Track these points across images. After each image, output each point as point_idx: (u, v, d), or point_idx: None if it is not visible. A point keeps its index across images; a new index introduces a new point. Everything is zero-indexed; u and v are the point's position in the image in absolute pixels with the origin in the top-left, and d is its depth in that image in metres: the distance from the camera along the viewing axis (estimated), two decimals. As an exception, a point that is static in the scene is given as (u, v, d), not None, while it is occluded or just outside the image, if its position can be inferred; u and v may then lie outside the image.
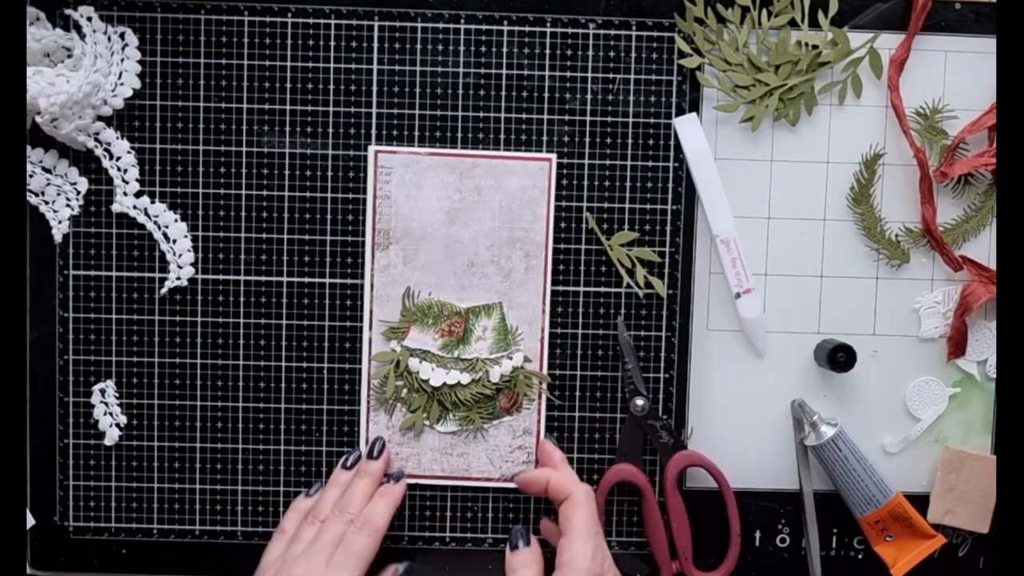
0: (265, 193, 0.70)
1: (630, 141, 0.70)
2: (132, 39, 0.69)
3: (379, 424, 0.70)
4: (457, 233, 0.69)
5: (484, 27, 0.69)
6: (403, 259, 0.69)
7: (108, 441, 0.71)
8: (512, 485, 0.71)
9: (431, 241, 0.69)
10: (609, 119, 0.70)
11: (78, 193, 0.69)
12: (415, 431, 0.70)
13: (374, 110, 0.69)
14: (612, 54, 0.70)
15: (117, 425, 0.70)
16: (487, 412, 0.70)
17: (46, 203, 0.69)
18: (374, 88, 0.69)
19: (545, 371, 0.70)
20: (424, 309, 0.69)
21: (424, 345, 0.70)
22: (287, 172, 0.70)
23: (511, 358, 0.70)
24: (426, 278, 0.70)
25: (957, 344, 0.71)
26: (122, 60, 0.69)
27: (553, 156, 0.70)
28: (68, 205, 0.69)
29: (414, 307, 0.69)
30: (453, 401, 0.70)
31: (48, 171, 0.69)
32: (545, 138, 0.70)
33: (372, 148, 0.69)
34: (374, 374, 0.70)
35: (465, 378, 0.70)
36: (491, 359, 0.70)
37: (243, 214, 0.70)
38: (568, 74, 0.70)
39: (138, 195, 0.69)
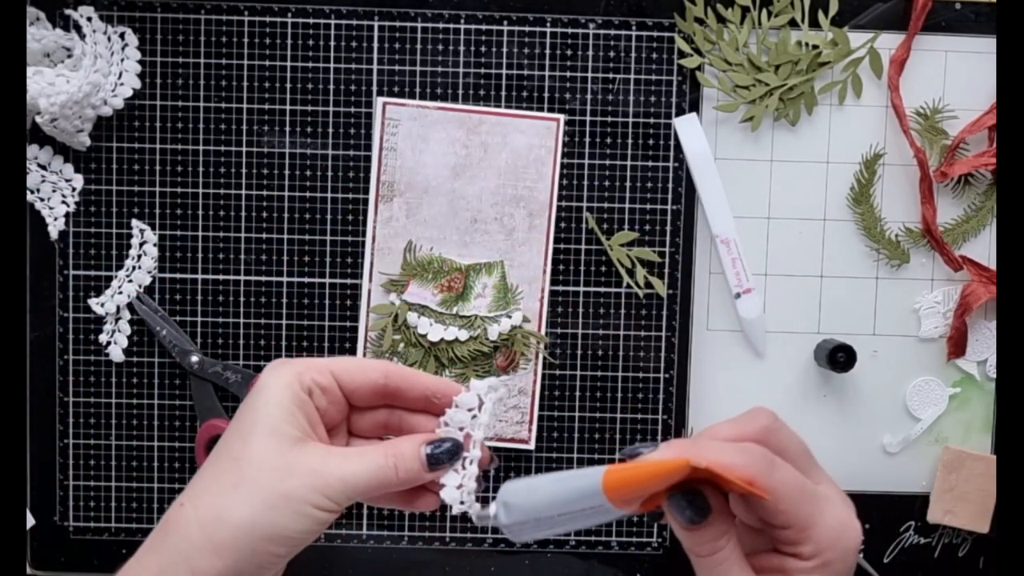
0: (265, 193, 0.70)
1: (630, 141, 0.70)
2: (132, 39, 0.69)
3: None
4: (461, 189, 0.69)
5: (484, 27, 0.69)
6: (406, 212, 0.69)
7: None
8: (508, 445, 0.70)
9: (435, 195, 0.69)
10: (609, 119, 0.70)
11: (73, 190, 0.69)
12: None
13: (375, 110, 0.69)
14: (612, 54, 0.70)
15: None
16: (483, 370, 0.70)
17: (41, 200, 0.69)
18: (374, 88, 0.69)
19: (544, 331, 0.70)
20: (424, 264, 0.69)
21: (423, 300, 0.70)
22: (287, 172, 0.70)
23: (510, 317, 0.70)
24: (428, 232, 0.70)
25: (957, 344, 0.71)
26: (122, 60, 0.69)
27: (561, 116, 0.69)
28: (64, 202, 0.69)
29: (415, 261, 0.69)
30: (450, 357, 0.70)
31: (43, 168, 0.69)
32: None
33: (380, 100, 0.69)
34: (372, 326, 0.70)
35: (463, 335, 0.70)
36: (490, 317, 0.70)
37: (243, 214, 0.70)
38: (568, 74, 0.70)
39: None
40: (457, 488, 0.46)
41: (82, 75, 0.65)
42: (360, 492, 0.44)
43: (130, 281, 0.70)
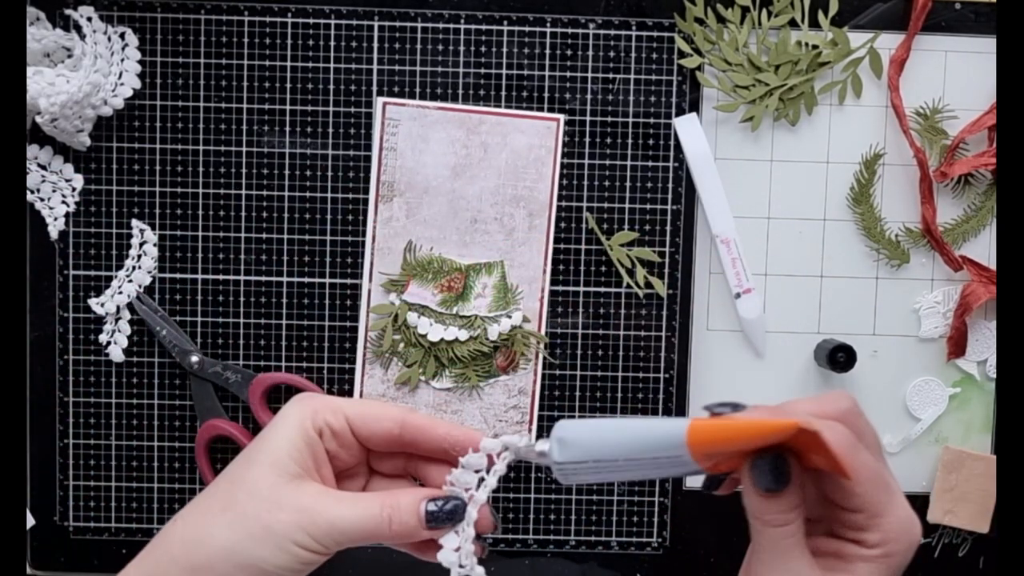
0: (265, 193, 0.70)
1: (630, 141, 0.70)
2: (132, 39, 0.69)
3: (375, 378, 0.70)
4: (461, 189, 0.69)
5: (484, 27, 0.69)
6: (406, 212, 0.69)
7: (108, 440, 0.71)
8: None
9: (435, 195, 0.69)
10: (609, 119, 0.70)
11: (73, 190, 0.69)
12: (410, 386, 0.70)
13: (375, 110, 0.69)
14: (612, 54, 0.70)
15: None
16: (483, 370, 0.70)
17: (41, 200, 0.69)
18: (374, 88, 0.69)
19: (544, 331, 0.70)
20: (424, 264, 0.69)
21: (423, 300, 0.70)
22: (287, 172, 0.70)
23: (510, 317, 0.70)
24: (428, 232, 0.70)
25: (957, 344, 0.71)
26: (122, 60, 0.69)
27: (561, 116, 0.69)
28: (64, 202, 0.69)
29: (415, 261, 0.69)
30: (450, 357, 0.70)
31: (43, 168, 0.69)
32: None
33: (380, 100, 0.69)
34: (372, 326, 0.70)
35: (463, 335, 0.70)
36: (490, 317, 0.70)
37: (243, 214, 0.70)
38: (568, 74, 0.70)
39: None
40: (455, 551, 0.44)
41: (82, 75, 0.65)
42: (349, 538, 0.43)
43: (130, 281, 0.70)
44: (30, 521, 0.70)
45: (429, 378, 0.70)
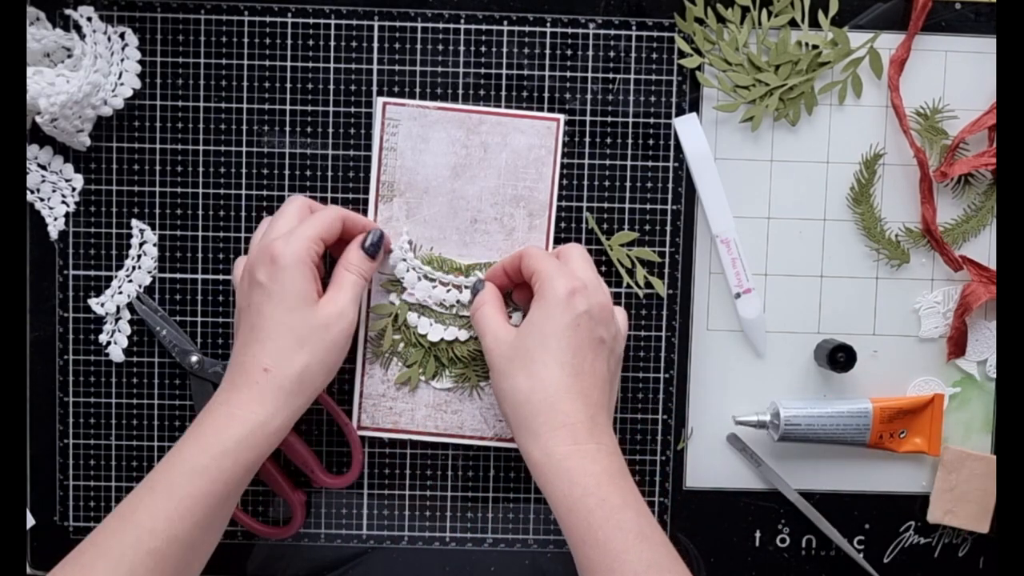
0: (265, 193, 0.70)
1: (630, 141, 0.70)
2: (132, 39, 0.69)
3: (374, 378, 0.70)
4: (461, 189, 0.69)
5: (484, 27, 0.69)
6: (406, 212, 0.69)
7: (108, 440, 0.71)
8: (508, 445, 0.71)
9: (435, 195, 0.69)
10: (609, 119, 0.70)
11: (73, 190, 0.69)
12: (410, 386, 0.70)
13: (375, 110, 0.69)
14: (612, 54, 0.70)
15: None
16: (483, 370, 0.70)
17: (41, 200, 0.69)
18: (374, 88, 0.69)
19: None
20: (424, 264, 0.69)
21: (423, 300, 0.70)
22: (287, 172, 0.70)
23: (510, 317, 0.70)
24: (428, 232, 0.70)
25: (957, 344, 0.71)
26: (122, 60, 0.69)
27: (561, 116, 0.70)
28: (64, 202, 0.69)
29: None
30: (450, 357, 0.70)
31: (43, 168, 0.69)
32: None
33: (380, 100, 0.69)
34: (371, 326, 0.70)
35: (463, 335, 0.70)
36: None
37: (243, 214, 0.70)
38: (568, 74, 0.70)
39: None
40: (400, 259, 0.68)
41: (82, 75, 0.65)
42: (356, 306, 0.64)
43: (130, 281, 0.70)
44: (30, 521, 0.70)
45: (429, 378, 0.70)
